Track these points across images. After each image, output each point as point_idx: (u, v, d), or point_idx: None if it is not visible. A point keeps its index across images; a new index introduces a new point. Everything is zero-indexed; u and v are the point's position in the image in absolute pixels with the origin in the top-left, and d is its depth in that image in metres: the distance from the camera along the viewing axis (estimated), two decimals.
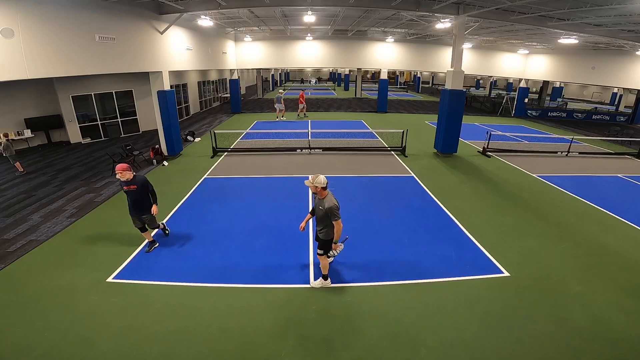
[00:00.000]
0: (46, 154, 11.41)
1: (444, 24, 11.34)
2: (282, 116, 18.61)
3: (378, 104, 21.81)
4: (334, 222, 4.05)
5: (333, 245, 4.28)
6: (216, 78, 25.21)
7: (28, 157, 10.98)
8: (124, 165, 4.89)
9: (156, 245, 5.62)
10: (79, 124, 12.93)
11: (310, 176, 4.10)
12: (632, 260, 5.48)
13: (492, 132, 12.80)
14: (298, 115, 19.26)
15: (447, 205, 7.44)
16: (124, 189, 5.02)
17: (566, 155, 12.08)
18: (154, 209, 5.24)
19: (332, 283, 4.63)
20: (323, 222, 4.20)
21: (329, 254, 4.45)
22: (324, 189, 4.09)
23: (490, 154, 11.94)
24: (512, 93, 26.88)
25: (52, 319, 4.04)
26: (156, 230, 5.89)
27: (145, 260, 5.28)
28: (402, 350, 3.67)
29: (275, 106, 18.32)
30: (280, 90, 19.63)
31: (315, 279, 4.77)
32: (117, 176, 4.89)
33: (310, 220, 6.48)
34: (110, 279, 4.79)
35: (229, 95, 24.29)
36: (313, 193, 4.24)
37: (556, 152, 12.25)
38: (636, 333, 3.91)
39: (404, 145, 11.64)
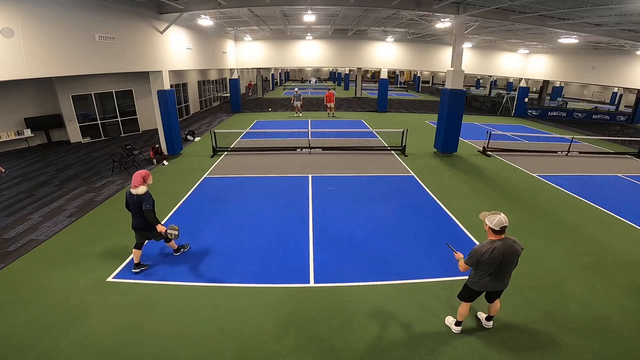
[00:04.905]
0: (46, 154, 11.40)
1: (444, 24, 11.32)
2: (300, 113, 18.90)
3: (378, 104, 21.82)
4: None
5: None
6: (216, 77, 25.20)
7: (28, 157, 10.98)
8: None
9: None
10: (78, 123, 12.92)
11: (485, 213, 3.39)
12: (632, 260, 5.48)
13: (492, 132, 12.80)
14: (328, 115, 19.44)
15: (447, 204, 7.44)
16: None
17: (566, 154, 12.07)
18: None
19: (458, 332, 3.91)
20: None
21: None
22: (494, 231, 3.29)
23: (490, 153, 11.93)
24: (512, 92, 26.85)
25: (51, 318, 4.03)
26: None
27: (145, 259, 5.26)
28: (402, 350, 3.67)
29: (294, 104, 18.72)
30: (296, 89, 19.72)
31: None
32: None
33: (310, 226, 6.54)
34: (110, 279, 4.79)
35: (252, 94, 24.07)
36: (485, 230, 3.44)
37: (556, 152, 12.24)
38: (636, 333, 3.91)
39: (404, 144, 11.64)
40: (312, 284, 4.75)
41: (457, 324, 3.90)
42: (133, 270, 4.95)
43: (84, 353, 3.56)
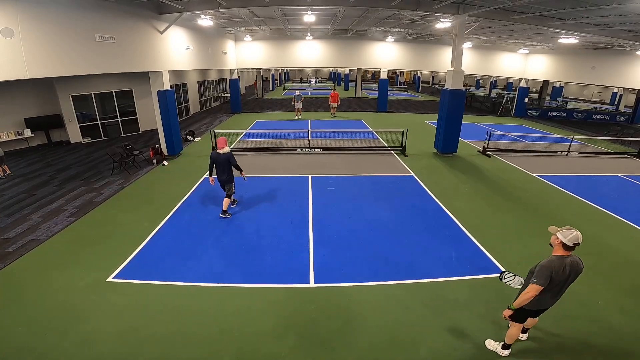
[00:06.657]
0: (46, 154, 11.40)
1: (444, 24, 11.32)
2: (300, 115, 18.82)
3: (378, 104, 21.81)
4: (530, 283, 3.09)
5: (506, 310, 3.31)
6: (216, 78, 25.18)
7: (28, 157, 10.98)
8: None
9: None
10: (78, 123, 12.91)
11: (555, 227, 3.18)
12: (632, 260, 5.48)
13: (492, 132, 12.80)
14: (332, 114, 19.57)
15: (447, 205, 7.44)
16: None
17: (566, 155, 12.07)
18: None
19: (508, 355, 3.61)
20: (528, 281, 3.21)
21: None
22: (566, 247, 3.02)
23: (490, 153, 11.93)
24: (512, 93, 26.85)
25: (51, 319, 4.04)
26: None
27: (145, 259, 5.28)
28: (402, 350, 3.67)
29: (295, 105, 18.54)
30: (297, 92, 19.72)
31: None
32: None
33: (310, 226, 6.54)
34: (110, 279, 4.79)
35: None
36: (550, 244, 3.20)
37: (556, 152, 12.24)
38: (636, 333, 3.91)
39: (404, 144, 11.64)
40: (312, 284, 4.76)
41: (506, 347, 3.59)
42: (220, 215, 6.57)
43: (84, 354, 3.56)
